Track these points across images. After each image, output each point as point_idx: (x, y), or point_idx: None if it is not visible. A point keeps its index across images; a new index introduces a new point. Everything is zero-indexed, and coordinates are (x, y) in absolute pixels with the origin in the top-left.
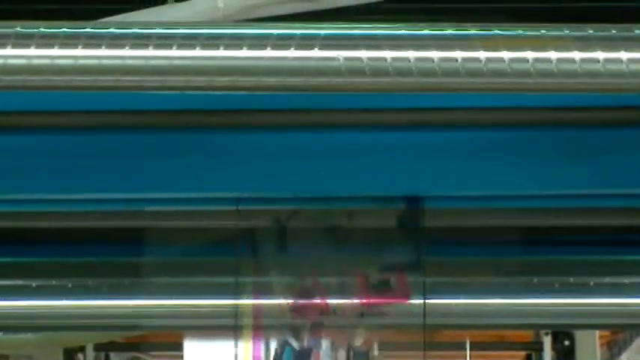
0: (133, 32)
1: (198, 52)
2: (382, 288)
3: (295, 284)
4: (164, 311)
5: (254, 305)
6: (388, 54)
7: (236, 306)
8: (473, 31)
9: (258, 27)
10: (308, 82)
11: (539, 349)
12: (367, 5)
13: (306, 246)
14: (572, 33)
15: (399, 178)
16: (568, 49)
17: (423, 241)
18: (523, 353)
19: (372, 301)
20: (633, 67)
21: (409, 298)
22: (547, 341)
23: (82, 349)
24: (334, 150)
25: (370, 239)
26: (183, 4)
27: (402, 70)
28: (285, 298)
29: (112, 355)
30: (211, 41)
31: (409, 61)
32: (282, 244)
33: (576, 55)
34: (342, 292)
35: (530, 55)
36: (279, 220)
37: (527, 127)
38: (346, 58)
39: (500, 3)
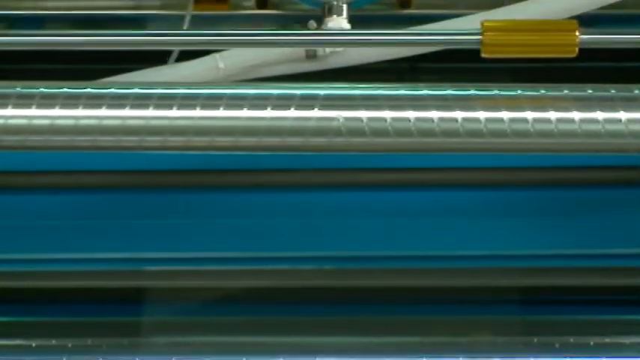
0: (133, 92)
1: (198, 112)
2: None
3: None
4: None
5: None
6: (388, 114)
7: None
8: (472, 91)
9: (258, 87)
10: (308, 142)
11: None
12: (368, 65)
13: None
14: (572, 93)
15: (397, 237)
16: (567, 110)
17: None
18: None
19: None
20: (633, 127)
21: None
22: None
23: None
24: (332, 209)
25: None
26: (183, 64)
27: (402, 131)
28: None
29: None
30: (212, 101)
31: (409, 121)
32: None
33: (576, 115)
34: None
35: (529, 115)
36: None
37: (527, 187)
38: (346, 119)
39: (500, 63)
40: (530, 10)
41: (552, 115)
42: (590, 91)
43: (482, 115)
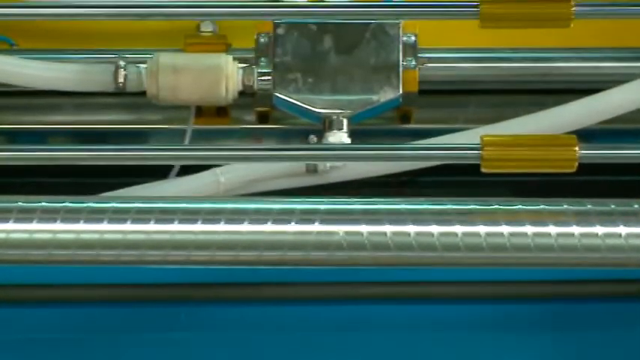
0: (134, 206)
1: (199, 227)
2: None
3: None
4: None
5: None
6: (388, 228)
7: None
8: (472, 206)
9: (259, 201)
10: (309, 256)
11: None
12: (368, 178)
13: None
14: (572, 207)
15: (397, 351)
16: (567, 224)
17: None
18: None
19: None
20: (633, 241)
21: None
22: None
23: None
24: (331, 323)
25: None
26: (184, 178)
27: (402, 245)
28: None
29: None
30: (213, 215)
31: (409, 235)
32: None
33: (575, 229)
34: None
35: (529, 229)
36: None
37: (527, 300)
38: (346, 233)
39: (499, 176)
40: (529, 125)
41: (552, 229)
42: (590, 206)
43: (482, 229)
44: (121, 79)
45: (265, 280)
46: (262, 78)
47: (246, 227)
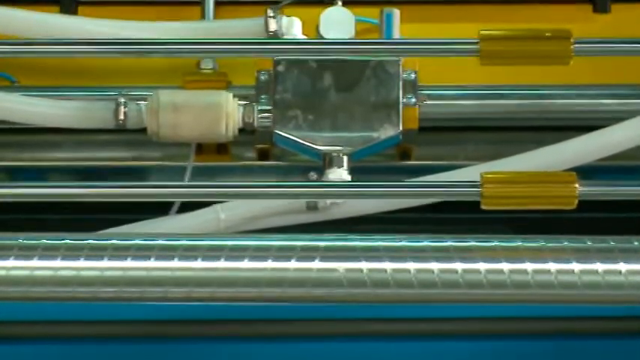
0: (134, 243)
1: (199, 264)
2: None
3: None
4: None
5: None
6: (388, 265)
7: None
8: (472, 243)
9: (259, 238)
10: (309, 293)
11: None
12: (368, 215)
13: None
14: (571, 244)
15: None
16: (567, 261)
17: None
18: None
19: None
20: (632, 278)
21: None
22: None
23: None
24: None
25: None
26: (184, 215)
27: (403, 282)
28: None
29: None
30: (213, 252)
31: (409, 272)
32: None
33: (575, 266)
34: None
35: (529, 266)
36: None
37: (527, 336)
38: (347, 270)
39: (499, 213)
40: (529, 162)
41: (552, 266)
42: (590, 243)
43: (482, 266)
44: (121, 116)
45: (266, 317)
46: (262, 115)
47: (246, 264)
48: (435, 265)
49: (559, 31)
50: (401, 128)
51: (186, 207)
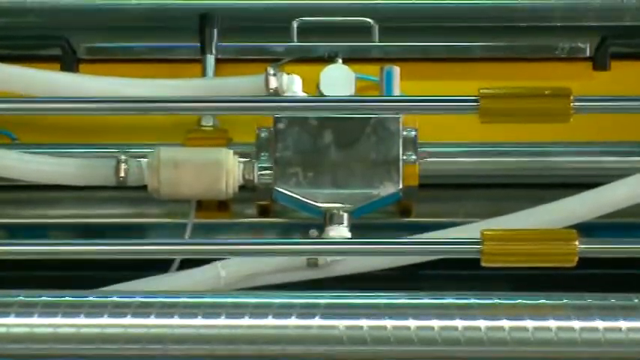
0: (135, 300)
1: (200, 321)
2: None
3: None
4: None
5: None
6: (389, 323)
7: None
8: (473, 300)
9: (259, 295)
10: (309, 351)
11: None
12: (368, 272)
13: None
14: (571, 302)
15: None
16: (567, 318)
17: None
18: None
19: None
20: (633, 336)
21: None
22: None
23: None
24: None
25: None
26: (184, 272)
27: (403, 339)
28: None
29: None
30: (213, 309)
31: (410, 329)
32: None
33: (576, 324)
34: None
35: (529, 323)
36: None
37: None
38: (347, 327)
39: (499, 270)
40: (529, 219)
41: (552, 323)
42: (590, 300)
43: (482, 323)
44: (122, 174)
45: None
46: (263, 172)
47: (246, 321)
48: (435, 323)
49: (559, 89)
50: (401, 185)
51: (187, 263)
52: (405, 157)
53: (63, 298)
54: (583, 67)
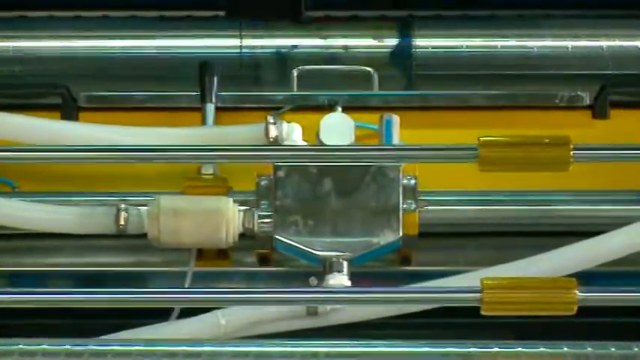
0: (135, 349)
1: None
2: None
3: None
4: None
5: None
6: None
7: None
8: (473, 348)
9: (260, 344)
10: None
11: None
12: (369, 320)
13: None
14: (571, 350)
15: None
16: None
17: None
18: None
19: None
20: None
21: None
22: None
23: None
24: None
25: None
26: (184, 321)
27: None
28: None
29: None
30: (214, 358)
31: None
32: None
33: None
34: None
35: None
36: None
37: None
38: None
39: (499, 318)
40: (529, 268)
41: None
42: (590, 349)
43: None
44: (122, 222)
45: None
46: (263, 221)
47: None
48: None
49: (558, 137)
50: (401, 234)
51: (187, 312)
52: (404, 206)
53: (63, 347)
54: (582, 115)
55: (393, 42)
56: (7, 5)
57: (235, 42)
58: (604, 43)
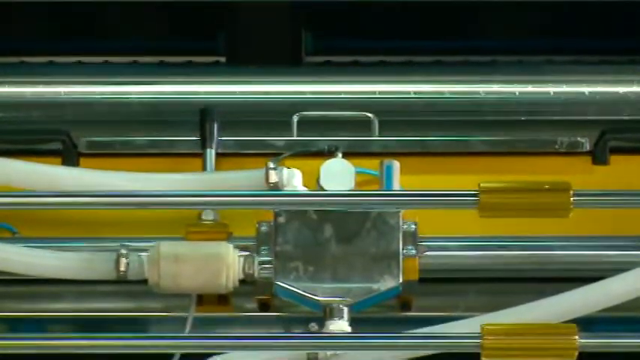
0: None
1: None
2: None
3: None
4: None
5: None
6: None
7: None
8: None
9: None
10: None
11: None
12: None
13: None
14: None
15: None
16: None
17: None
18: None
19: None
20: None
21: None
22: None
23: None
24: None
25: None
26: None
27: None
28: None
29: None
30: None
31: None
32: None
33: None
34: None
35: None
36: None
37: None
38: None
39: None
40: (530, 314)
41: None
42: None
43: None
44: (122, 268)
45: None
46: (263, 266)
47: None
48: None
49: (558, 183)
50: (401, 279)
51: (188, 356)
52: (405, 251)
53: None
54: (582, 161)
55: (393, 87)
56: (8, 51)
57: (236, 87)
58: (604, 89)
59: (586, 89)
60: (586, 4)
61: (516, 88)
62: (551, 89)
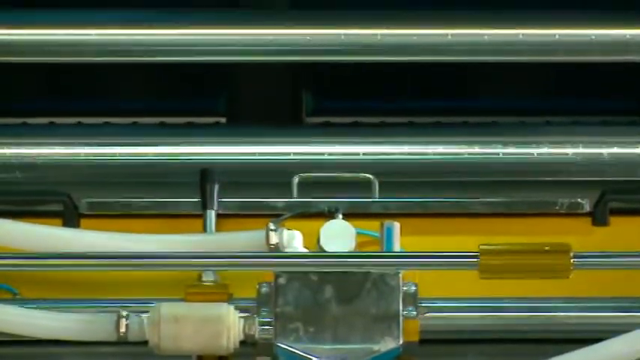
0: None
1: None
2: None
3: None
4: None
5: None
6: None
7: None
8: None
9: None
10: None
11: None
12: None
13: None
14: None
15: None
16: None
17: None
18: None
19: None
20: None
21: None
22: None
23: None
24: None
25: None
26: None
27: None
28: None
29: None
30: None
31: None
32: None
33: None
34: None
35: None
36: None
37: None
38: None
39: None
40: None
41: None
42: None
43: None
44: (123, 329)
45: None
46: (263, 327)
47: None
48: None
49: (558, 244)
50: (401, 341)
51: None
52: (405, 313)
53: None
54: (582, 222)
55: (392, 148)
56: (9, 112)
57: (236, 149)
58: (603, 150)
59: (585, 150)
60: (587, 65)
61: (517, 150)
62: (551, 150)
